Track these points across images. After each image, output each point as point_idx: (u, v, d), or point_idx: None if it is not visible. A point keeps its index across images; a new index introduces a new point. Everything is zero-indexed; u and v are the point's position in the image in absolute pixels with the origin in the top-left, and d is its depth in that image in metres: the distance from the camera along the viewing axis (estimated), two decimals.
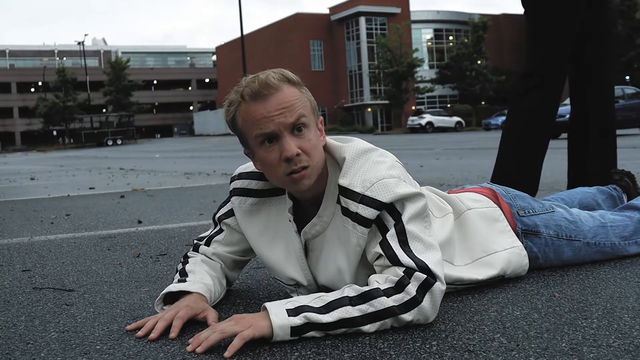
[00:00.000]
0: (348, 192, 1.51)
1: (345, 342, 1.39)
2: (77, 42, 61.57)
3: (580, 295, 1.70)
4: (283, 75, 1.53)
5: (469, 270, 1.76)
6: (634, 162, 6.62)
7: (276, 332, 1.38)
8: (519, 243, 1.89)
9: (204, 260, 1.78)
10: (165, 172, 9.81)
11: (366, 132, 45.76)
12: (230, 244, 1.80)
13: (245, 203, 1.72)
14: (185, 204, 4.69)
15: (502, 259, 1.82)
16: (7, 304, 1.89)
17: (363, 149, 1.58)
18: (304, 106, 1.53)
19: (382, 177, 1.50)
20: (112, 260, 2.54)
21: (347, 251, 1.57)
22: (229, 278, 1.85)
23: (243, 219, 1.73)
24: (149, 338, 1.47)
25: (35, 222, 3.93)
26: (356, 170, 1.53)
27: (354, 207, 1.50)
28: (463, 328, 1.47)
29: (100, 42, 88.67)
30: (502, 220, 1.89)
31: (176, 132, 74.99)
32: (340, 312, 1.40)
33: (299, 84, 1.56)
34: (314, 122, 1.56)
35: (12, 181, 9.42)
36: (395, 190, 1.48)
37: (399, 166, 1.58)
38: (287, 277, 1.70)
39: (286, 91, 1.51)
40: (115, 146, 44.58)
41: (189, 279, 1.68)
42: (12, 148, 63.48)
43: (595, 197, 2.44)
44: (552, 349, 1.31)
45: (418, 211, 1.51)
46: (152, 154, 21.88)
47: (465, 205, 1.87)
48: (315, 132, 1.56)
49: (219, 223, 1.81)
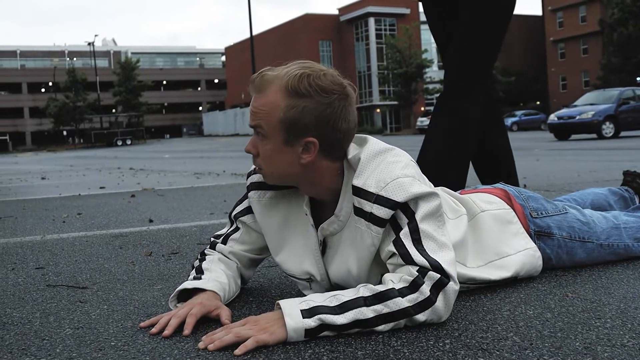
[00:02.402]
0: (362, 192, 1.51)
1: (358, 340, 1.39)
2: (87, 42, 61.86)
3: (593, 295, 1.70)
4: (284, 82, 1.50)
5: (482, 271, 1.76)
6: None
7: (290, 335, 1.38)
8: (533, 244, 1.88)
9: (221, 259, 1.79)
10: (175, 172, 9.84)
11: (375, 132, 45.71)
12: (247, 242, 1.80)
13: (264, 196, 1.72)
14: (195, 204, 4.71)
15: (515, 262, 1.82)
16: (21, 300, 1.91)
17: (378, 149, 1.57)
18: (267, 118, 1.51)
19: (396, 176, 1.50)
20: (124, 258, 2.56)
21: (358, 253, 1.57)
22: (244, 276, 1.85)
23: (263, 212, 1.73)
24: (163, 335, 1.47)
25: (47, 221, 3.96)
26: (371, 171, 1.52)
27: (368, 207, 1.50)
28: (476, 327, 1.47)
29: (110, 42, 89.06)
30: (515, 222, 1.89)
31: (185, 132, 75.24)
32: (355, 313, 1.40)
33: (301, 95, 1.49)
34: (278, 138, 1.52)
35: (23, 180, 9.48)
36: (410, 189, 1.48)
37: (414, 165, 1.58)
38: (302, 270, 1.70)
39: (264, 97, 1.52)
40: (124, 146, 44.75)
41: (205, 276, 1.68)
42: (23, 148, 63.84)
43: (607, 198, 2.43)
44: (565, 348, 1.31)
45: (432, 210, 1.50)
46: (161, 154, 21.95)
47: (479, 207, 1.86)
48: (274, 147, 1.53)
49: (235, 221, 1.82)
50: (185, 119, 79.13)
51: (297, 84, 1.49)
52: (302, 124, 1.50)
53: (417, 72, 46.69)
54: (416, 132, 41.19)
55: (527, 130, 38.27)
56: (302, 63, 1.54)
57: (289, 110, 1.50)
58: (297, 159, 1.54)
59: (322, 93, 1.49)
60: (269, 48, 59.34)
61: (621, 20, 43.39)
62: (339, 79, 1.53)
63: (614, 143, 14.09)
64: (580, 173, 6.21)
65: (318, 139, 1.52)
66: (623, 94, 19.00)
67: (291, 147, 1.53)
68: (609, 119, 18.13)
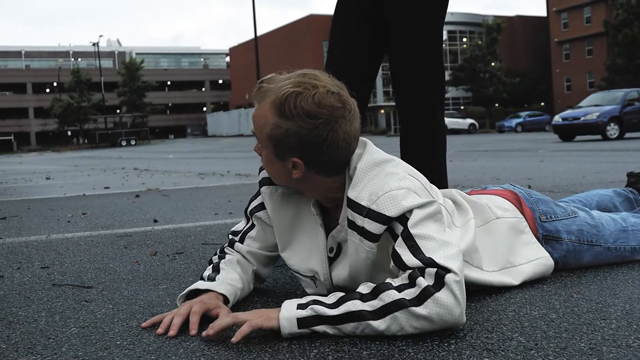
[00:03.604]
0: (355, 205, 1.50)
1: (364, 340, 1.39)
2: (91, 43, 62.06)
3: (598, 296, 1.70)
4: (273, 99, 1.48)
5: (496, 275, 1.75)
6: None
7: (282, 323, 1.39)
8: (545, 253, 1.87)
9: (239, 261, 1.79)
10: (179, 173, 9.85)
11: (379, 133, 45.69)
12: (263, 240, 1.80)
13: (276, 192, 1.72)
14: (200, 204, 4.72)
15: (525, 272, 1.81)
16: (27, 299, 1.91)
17: (376, 160, 1.54)
18: (259, 130, 1.53)
19: (389, 189, 1.47)
20: (129, 258, 2.57)
21: (356, 265, 1.56)
22: (261, 275, 1.85)
23: (274, 208, 1.72)
24: (169, 335, 1.48)
25: (52, 221, 3.97)
26: (366, 182, 1.51)
27: (360, 222, 1.49)
28: (481, 327, 1.47)
29: (114, 43, 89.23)
30: (527, 232, 1.87)
31: (189, 132, 75.37)
32: (348, 305, 1.39)
33: (285, 116, 1.46)
34: (269, 150, 1.54)
35: (28, 180, 9.50)
36: (402, 202, 1.45)
37: (410, 178, 1.52)
38: (307, 267, 1.71)
39: (260, 108, 1.53)
40: (129, 147, 44.82)
41: (219, 276, 1.70)
42: (27, 148, 64.01)
43: (613, 200, 2.43)
44: (571, 348, 1.31)
45: (427, 214, 1.46)
46: (165, 155, 21.99)
47: (494, 213, 1.84)
48: (268, 157, 1.56)
49: (251, 217, 1.82)
50: (189, 120, 79.27)
51: (282, 104, 1.46)
52: (286, 144, 1.49)
53: None
54: None
55: (531, 131, 38.25)
56: (301, 77, 1.49)
57: (274, 129, 1.48)
58: (289, 172, 1.55)
59: (306, 118, 1.44)
60: (273, 49, 59.38)
61: (626, 21, 43.28)
62: (330, 100, 1.45)
63: (618, 144, 14.06)
64: (585, 174, 6.20)
65: (302, 160, 1.50)
66: (628, 95, 18.96)
67: (282, 162, 1.54)
68: (613, 120, 18.09)
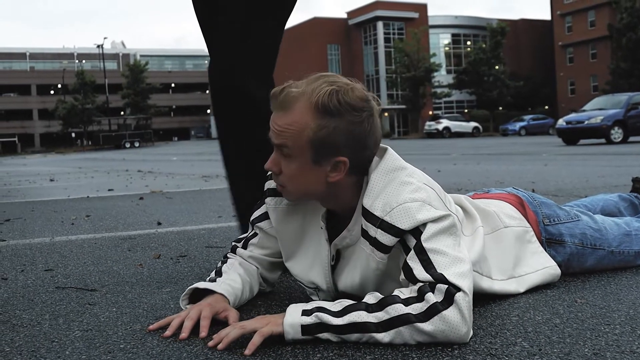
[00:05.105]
0: (369, 214, 1.48)
1: (367, 345, 1.39)
2: (96, 45, 62.08)
3: (602, 302, 1.69)
4: (313, 100, 1.44)
5: (506, 284, 1.75)
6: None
7: (286, 329, 1.38)
8: (553, 262, 1.87)
9: (242, 264, 1.79)
10: (183, 175, 9.87)
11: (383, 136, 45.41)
12: (266, 247, 1.80)
13: (281, 203, 1.70)
14: (203, 207, 4.72)
15: (532, 280, 1.81)
16: (31, 302, 1.92)
17: (391, 167, 1.52)
18: (295, 138, 1.46)
19: (403, 201, 1.45)
20: (132, 261, 2.57)
21: (365, 273, 1.55)
22: (268, 279, 1.85)
23: (280, 219, 1.71)
24: (180, 338, 1.47)
25: (56, 223, 3.97)
26: (379, 190, 1.49)
27: (372, 232, 1.48)
28: (485, 332, 1.47)
29: (119, 45, 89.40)
30: (533, 242, 1.86)
31: (193, 135, 75.45)
32: (353, 315, 1.38)
33: (332, 114, 1.44)
34: (305, 158, 1.48)
35: (32, 182, 9.52)
36: (416, 216, 1.43)
37: (426, 188, 1.50)
38: (308, 280, 1.71)
39: (290, 115, 1.46)
40: (132, 149, 44.86)
41: (220, 279, 1.69)
42: (31, 150, 64.14)
43: (617, 205, 2.42)
44: (574, 353, 1.30)
45: (441, 228, 1.44)
46: (169, 157, 22.00)
47: (502, 222, 1.82)
48: (300, 167, 1.49)
49: (252, 226, 1.82)
50: (193, 122, 79.32)
51: (327, 102, 1.43)
52: (333, 144, 1.46)
53: (425, 76, 46.68)
54: (424, 136, 41.16)
55: (535, 134, 38.19)
56: (326, 77, 1.48)
57: (320, 130, 1.45)
58: (324, 177, 1.51)
59: (353, 111, 1.45)
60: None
61: (630, 24, 43.24)
62: (364, 94, 1.48)
63: (622, 148, 14.03)
64: (589, 178, 6.19)
65: (349, 157, 1.49)
66: (632, 99, 18.93)
67: (319, 167, 1.50)
68: (617, 124, 18.06)
